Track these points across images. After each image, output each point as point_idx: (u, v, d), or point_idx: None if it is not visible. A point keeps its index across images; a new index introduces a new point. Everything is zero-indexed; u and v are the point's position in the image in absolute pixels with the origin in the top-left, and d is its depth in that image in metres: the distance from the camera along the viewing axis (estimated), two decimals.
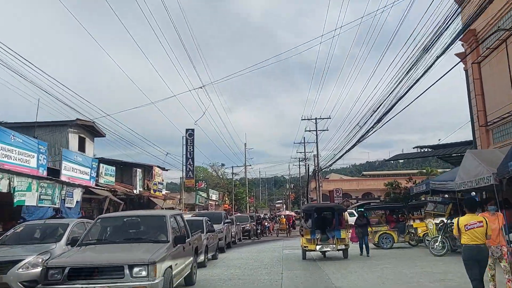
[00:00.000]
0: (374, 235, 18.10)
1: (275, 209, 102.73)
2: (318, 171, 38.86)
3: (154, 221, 8.57)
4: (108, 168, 22.99)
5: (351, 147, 24.20)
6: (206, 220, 15.03)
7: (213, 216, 19.94)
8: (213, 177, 66.52)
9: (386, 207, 18.37)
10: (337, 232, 15.14)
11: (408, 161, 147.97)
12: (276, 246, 21.97)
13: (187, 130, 40.55)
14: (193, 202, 42.06)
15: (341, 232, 15.08)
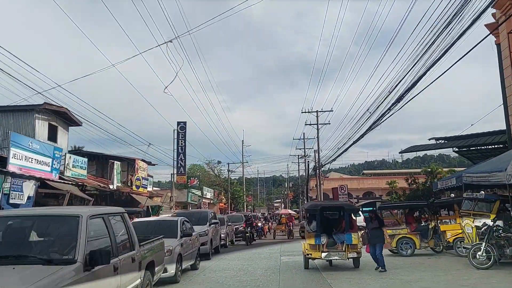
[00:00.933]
0: (391, 239, 14.62)
1: (273, 208, 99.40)
2: (319, 167, 35.33)
3: (58, 225, 4.92)
4: (78, 159, 19.47)
5: (360, 136, 20.72)
6: (182, 222, 11.50)
7: (196, 215, 16.43)
8: (210, 175, 62.95)
9: (405, 206, 14.83)
10: (348, 236, 11.66)
11: (407, 160, 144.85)
12: (273, 251, 18.43)
13: (178, 123, 36.97)
14: (185, 200, 38.47)
15: (352, 237, 11.66)
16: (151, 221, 11.45)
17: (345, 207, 12.04)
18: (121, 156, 25.61)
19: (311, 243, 11.74)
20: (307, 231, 12.07)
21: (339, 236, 11.83)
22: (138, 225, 11.18)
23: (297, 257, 15.14)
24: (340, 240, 11.82)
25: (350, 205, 13.16)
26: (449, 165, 60.32)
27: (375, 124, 17.19)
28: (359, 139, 19.79)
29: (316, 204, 12.44)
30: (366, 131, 18.14)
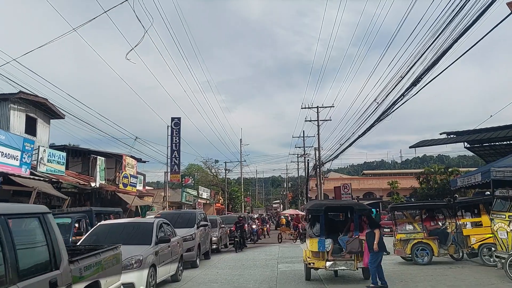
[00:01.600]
0: (404, 244, 12.58)
1: (272, 209, 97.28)
2: (319, 165, 33.25)
3: None
4: (55, 153, 17.41)
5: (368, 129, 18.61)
6: (159, 225, 9.41)
7: (183, 217, 14.34)
8: (207, 175, 60.79)
9: (423, 206, 12.76)
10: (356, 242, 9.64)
11: (407, 161, 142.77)
12: (270, 257, 16.34)
13: (172, 118, 34.89)
14: (179, 200, 36.37)
15: (362, 243, 9.56)
16: (120, 224, 9.39)
17: (355, 208, 9.89)
18: (106, 152, 23.54)
19: (314, 249, 9.68)
20: (309, 235, 10.00)
21: (348, 240, 9.79)
22: (103, 230, 9.15)
23: (297, 265, 13.11)
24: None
25: (361, 204, 10.67)
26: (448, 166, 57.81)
27: (385, 113, 15.17)
28: (366, 132, 17.73)
29: (319, 204, 10.28)
30: (374, 122, 16.10)
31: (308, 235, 10.13)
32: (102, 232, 9.09)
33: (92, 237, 8.97)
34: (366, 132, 17.65)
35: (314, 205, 10.27)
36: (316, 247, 9.64)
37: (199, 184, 50.57)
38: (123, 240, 8.72)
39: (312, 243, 9.70)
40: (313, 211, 9.98)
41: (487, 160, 24.33)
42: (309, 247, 9.88)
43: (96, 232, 9.11)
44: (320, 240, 9.65)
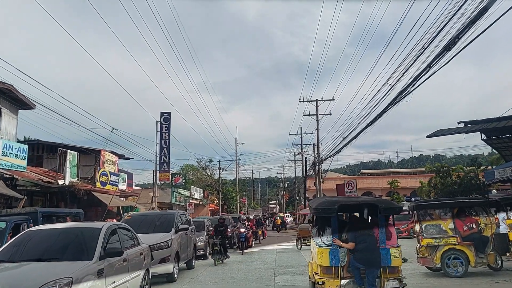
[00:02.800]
0: (432, 252, 9.92)
1: (268, 210, 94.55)
2: (318, 162, 30.59)
3: None
4: (13, 146, 14.62)
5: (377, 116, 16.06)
6: (109, 232, 6.63)
7: (158, 219, 11.55)
8: (202, 175, 57.92)
9: (454, 204, 10.00)
10: (383, 253, 6.88)
11: (403, 160, 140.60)
12: (265, 265, 13.57)
13: (162, 113, 32.15)
14: (169, 201, 33.57)
15: (391, 254, 6.87)
16: (55, 231, 6.58)
17: (380, 206, 7.02)
18: (83, 147, 20.75)
19: (324, 263, 6.92)
20: (317, 244, 7.26)
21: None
22: (30, 238, 6.45)
23: (298, 278, 10.45)
24: None
25: (388, 202, 7.92)
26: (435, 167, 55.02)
27: (402, 94, 12.54)
28: (377, 119, 15.10)
29: (330, 201, 7.25)
30: (388, 106, 13.47)
31: (315, 243, 7.39)
32: (27, 241, 6.36)
33: (11, 248, 6.24)
34: (377, 119, 15.03)
35: (323, 203, 7.33)
36: (327, 261, 6.89)
37: (194, 185, 47.80)
38: (52, 253, 6.07)
39: (322, 255, 6.93)
40: (322, 211, 7.11)
41: (504, 155, 21.74)
42: (317, 260, 7.14)
43: (19, 242, 6.38)
44: (332, 251, 6.92)
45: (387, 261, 6.84)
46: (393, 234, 7.29)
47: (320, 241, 7.19)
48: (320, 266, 7.03)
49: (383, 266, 6.81)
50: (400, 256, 6.95)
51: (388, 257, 6.86)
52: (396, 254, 6.87)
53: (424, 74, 10.80)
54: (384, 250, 6.90)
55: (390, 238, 7.14)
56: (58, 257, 5.86)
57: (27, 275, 5.31)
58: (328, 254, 6.90)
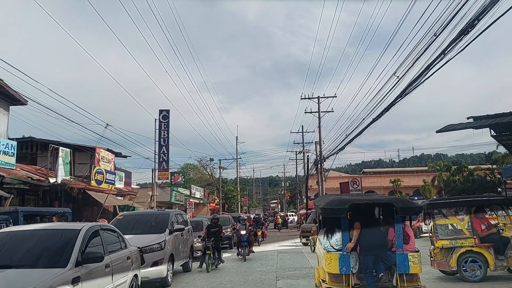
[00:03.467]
0: (447, 254, 9.09)
1: (269, 209, 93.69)
2: (320, 160, 29.73)
3: None
4: (0, 142, 13.80)
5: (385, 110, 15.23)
6: (88, 235, 5.78)
7: (151, 219, 10.69)
8: (203, 174, 57.10)
9: (472, 202, 9.10)
10: (400, 258, 6.12)
11: (404, 160, 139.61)
12: (266, 268, 12.73)
13: (160, 111, 31.40)
14: (169, 200, 32.77)
15: (409, 260, 6.11)
16: (27, 232, 5.76)
17: (396, 205, 6.18)
18: (77, 144, 19.93)
19: (333, 271, 6.16)
20: (325, 248, 6.44)
21: (384, 257, 6.26)
22: None
23: (302, 282, 9.66)
24: (385, 264, 6.28)
25: (406, 200, 6.93)
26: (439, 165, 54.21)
27: (410, 87, 11.71)
28: (382, 114, 14.27)
29: (341, 200, 6.41)
30: (397, 98, 12.64)
31: (322, 247, 6.55)
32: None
33: None
34: (384, 113, 14.20)
35: (332, 202, 6.41)
36: (336, 268, 6.13)
37: (195, 184, 47.00)
38: (23, 259, 5.27)
39: (330, 262, 6.17)
40: (332, 212, 6.23)
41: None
42: (325, 267, 6.32)
43: None
44: (342, 257, 6.14)
45: (405, 268, 6.06)
46: (411, 238, 6.52)
47: (328, 245, 6.37)
48: (328, 274, 6.24)
49: (400, 274, 6.02)
50: (419, 262, 6.20)
51: (406, 264, 6.07)
52: (415, 260, 6.10)
53: (437, 63, 9.99)
54: (401, 256, 6.12)
55: (408, 242, 6.39)
56: (29, 263, 5.05)
57: None
58: (337, 260, 6.17)
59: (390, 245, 6.36)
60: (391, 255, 6.22)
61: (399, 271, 6.00)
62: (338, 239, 6.31)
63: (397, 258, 6.06)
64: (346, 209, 6.08)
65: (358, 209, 6.34)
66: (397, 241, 6.18)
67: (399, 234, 6.22)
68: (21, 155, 21.32)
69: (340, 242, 6.24)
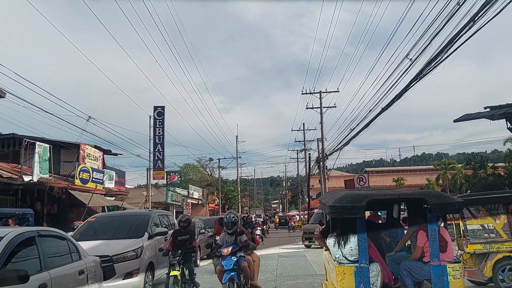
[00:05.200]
0: (481, 261, 7.50)
1: (271, 209, 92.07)
2: (322, 157, 28.14)
3: None
4: None
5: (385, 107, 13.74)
6: (10, 246, 4.18)
7: (127, 222, 9.08)
8: (203, 174, 55.50)
9: (508, 197, 7.46)
10: (435, 271, 4.57)
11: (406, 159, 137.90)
12: (265, 275, 11.04)
13: (155, 107, 29.87)
14: (164, 200, 31.17)
15: (447, 274, 4.56)
16: None
17: (429, 199, 4.65)
18: (61, 141, 18.37)
19: (349, 284, 4.59)
20: (336, 260, 4.90)
21: (413, 268, 4.86)
22: None
23: None
24: (416, 278, 4.87)
25: (441, 195, 5.09)
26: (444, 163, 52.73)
27: (428, 67, 10.11)
28: (393, 103, 12.67)
29: (357, 196, 4.81)
30: (410, 83, 11.04)
31: (333, 258, 4.98)
32: None
33: None
34: (394, 101, 12.58)
35: (343, 199, 4.78)
36: (351, 285, 4.58)
37: (195, 184, 45.43)
38: None
39: (344, 277, 4.62)
40: (345, 210, 4.62)
41: None
42: (336, 283, 4.74)
43: None
44: (359, 270, 4.60)
45: (444, 284, 4.58)
46: (449, 244, 4.98)
47: (340, 256, 4.89)
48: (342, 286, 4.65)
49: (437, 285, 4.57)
50: (461, 275, 4.70)
51: (444, 278, 4.57)
52: (456, 274, 4.62)
53: (464, 33, 8.37)
54: (437, 268, 4.62)
55: (445, 250, 4.86)
56: None
57: None
58: (352, 275, 4.61)
59: (421, 254, 4.92)
60: (423, 266, 4.83)
61: (435, 285, 4.59)
62: (353, 247, 4.80)
63: (432, 271, 4.62)
64: (363, 207, 4.62)
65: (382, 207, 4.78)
66: (431, 248, 4.69)
67: (434, 239, 4.69)
68: (3, 153, 19.79)
69: (356, 251, 4.75)
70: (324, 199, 6.01)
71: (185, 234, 7.83)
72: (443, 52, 9.12)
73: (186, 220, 7.96)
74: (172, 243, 7.75)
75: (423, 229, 4.91)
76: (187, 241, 7.75)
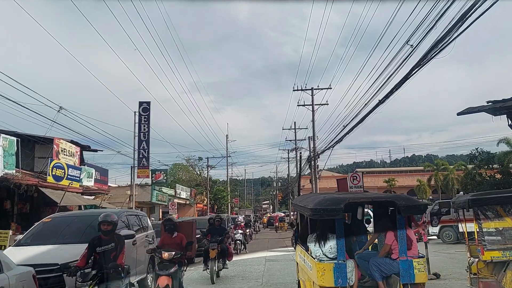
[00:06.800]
0: (498, 270, 6.36)
1: (261, 210, 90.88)
2: (313, 156, 27.00)
3: None
4: None
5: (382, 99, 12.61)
6: None
7: (77, 223, 7.74)
8: (192, 174, 54.00)
9: None
10: (403, 266, 5.10)
11: (396, 160, 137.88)
12: (250, 282, 9.89)
13: (140, 103, 28.37)
14: (149, 200, 29.73)
15: (413, 268, 5.08)
16: None
17: (398, 202, 5.06)
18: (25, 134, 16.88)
19: (327, 284, 4.88)
20: (316, 257, 5.19)
21: (382, 264, 5.28)
22: None
23: None
24: (385, 272, 5.27)
25: (408, 198, 5.42)
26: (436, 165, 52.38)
27: (434, 49, 8.99)
28: (392, 92, 11.53)
29: (335, 199, 5.11)
30: (413, 70, 9.93)
31: (313, 255, 5.26)
32: None
33: None
34: (394, 91, 11.44)
35: (323, 202, 5.09)
36: (330, 280, 4.89)
37: (184, 184, 44.02)
38: None
39: (324, 273, 4.91)
40: (325, 212, 4.91)
41: None
42: (316, 280, 4.99)
43: None
44: (337, 266, 4.95)
45: (410, 277, 5.08)
46: (414, 241, 5.45)
47: (320, 254, 5.23)
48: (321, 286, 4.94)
49: (404, 284, 5.09)
50: (425, 269, 5.31)
51: (411, 272, 5.08)
52: (420, 267, 5.13)
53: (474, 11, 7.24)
54: (405, 263, 5.13)
55: (411, 247, 5.31)
56: None
57: None
58: (332, 271, 4.94)
59: (388, 251, 5.36)
60: (391, 262, 5.24)
61: (403, 280, 5.07)
62: (333, 245, 5.16)
63: (400, 265, 5.12)
64: (342, 209, 4.95)
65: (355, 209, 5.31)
66: (400, 245, 5.23)
67: (402, 237, 5.23)
68: None
69: (335, 249, 5.12)
70: (301, 202, 6.16)
71: (108, 243, 5.54)
72: (453, 30, 7.97)
73: (111, 222, 5.66)
74: (86, 257, 5.49)
75: (391, 229, 5.31)
76: (112, 253, 5.42)
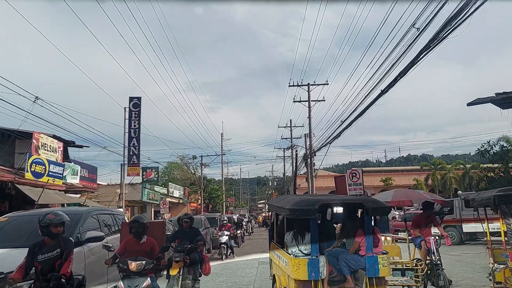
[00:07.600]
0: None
1: (257, 209, 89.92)
2: (310, 154, 26.01)
3: None
4: None
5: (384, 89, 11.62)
6: None
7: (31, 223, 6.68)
8: (186, 173, 52.85)
9: None
10: (369, 261, 5.31)
11: (391, 160, 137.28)
12: (241, 285, 8.88)
13: (131, 98, 27.21)
14: (139, 199, 28.59)
15: (378, 263, 5.31)
16: None
17: (366, 204, 5.36)
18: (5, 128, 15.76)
19: (301, 277, 5.04)
20: (292, 254, 5.40)
21: (350, 260, 5.45)
22: None
23: None
24: (352, 267, 5.42)
25: (375, 200, 5.64)
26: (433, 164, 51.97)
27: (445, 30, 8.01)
28: (397, 80, 10.54)
29: (310, 201, 5.30)
30: (421, 53, 8.96)
31: (290, 251, 5.47)
32: None
33: None
34: (398, 79, 10.44)
35: (300, 203, 5.34)
36: (305, 273, 5.05)
37: (179, 183, 42.89)
38: None
39: (299, 267, 5.08)
40: (301, 213, 5.12)
41: None
42: (291, 273, 5.16)
43: None
44: (311, 261, 5.10)
45: (375, 271, 5.30)
46: (380, 240, 5.78)
47: (296, 250, 5.46)
48: (295, 281, 5.13)
49: (369, 277, 5.32)
50: (388, 264, 5.42)
51: (376, 267, 5.31)
52: (384, 263, 5.35)
53: None
54: (371, 259, 5.35)
55: (377, 245, 5.59)
56: None
57: None
58: (306, 265, 5.11)
59: (357, 248, 5.59)
60: (359, 258, 5.46)
61: (369, 274, 5.33)
62: (307, 242, 5.46)
63: (367, 261, 5.37)
64: (317, 210, 5.20)
65: None
66: (367, 243, 5.49)
67: (369, 235, 5.52)
68: None
69: (309, 246, 5.39)
70: (277, 203, 6.52)
71: (52, 250, 4.55)
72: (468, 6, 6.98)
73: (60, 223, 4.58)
74: (25, 267, 4.49)
75: (361, 228, 5.58)
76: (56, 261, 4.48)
